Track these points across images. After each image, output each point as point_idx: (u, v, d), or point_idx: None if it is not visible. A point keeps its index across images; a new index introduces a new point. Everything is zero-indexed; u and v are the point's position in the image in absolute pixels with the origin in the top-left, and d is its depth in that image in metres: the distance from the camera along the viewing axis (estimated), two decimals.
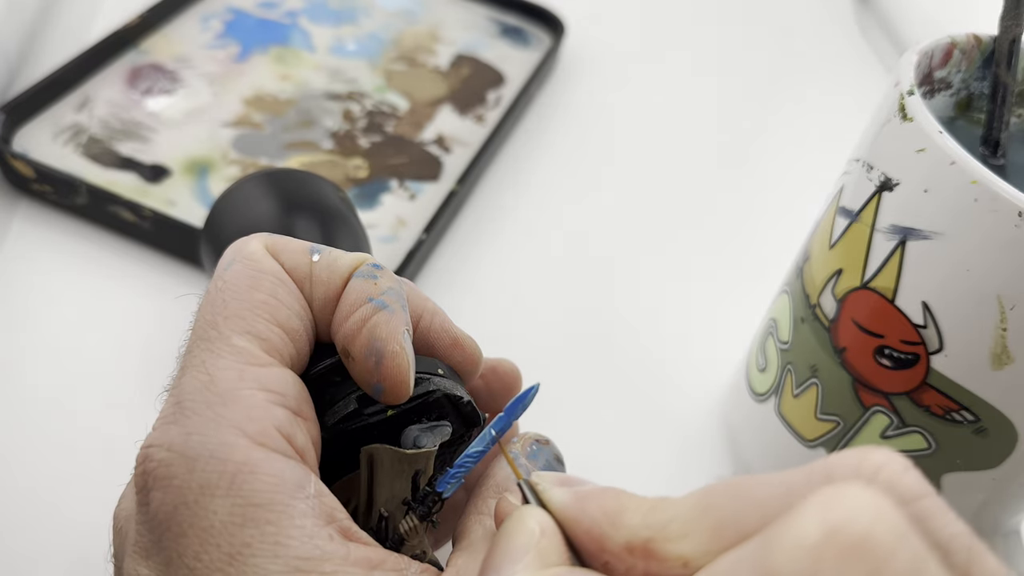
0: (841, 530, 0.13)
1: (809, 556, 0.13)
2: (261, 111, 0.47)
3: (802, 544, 0.13)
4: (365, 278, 0.21)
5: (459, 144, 0.48)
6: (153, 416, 0.20)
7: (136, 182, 0.41)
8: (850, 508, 0.13)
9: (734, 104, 0.57)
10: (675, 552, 0.16)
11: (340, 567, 0.17)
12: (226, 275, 0.21)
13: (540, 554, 0.17)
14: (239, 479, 0.18)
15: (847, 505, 0.13)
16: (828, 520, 0.13)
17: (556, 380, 0.38)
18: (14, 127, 0.42)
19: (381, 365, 0.20)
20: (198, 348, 0.20)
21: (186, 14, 0.52)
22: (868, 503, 0.13)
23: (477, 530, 0.21)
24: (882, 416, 0.29)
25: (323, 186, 0.32)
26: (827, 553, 0.13)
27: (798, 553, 0.13)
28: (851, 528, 0.13)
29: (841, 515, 0.13)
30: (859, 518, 0.13)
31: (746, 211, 0.49)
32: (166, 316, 0.36)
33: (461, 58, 0.54)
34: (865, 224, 0.27)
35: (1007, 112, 0.28)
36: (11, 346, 0.35)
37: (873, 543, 0.13)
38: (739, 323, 0.40)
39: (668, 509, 0.16)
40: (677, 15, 0.65)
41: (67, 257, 0.39)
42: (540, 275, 0.43)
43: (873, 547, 0.13)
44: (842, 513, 0.13)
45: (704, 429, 0.38)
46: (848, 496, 0.13)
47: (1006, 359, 0.25)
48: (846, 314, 0.28)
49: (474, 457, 0.21)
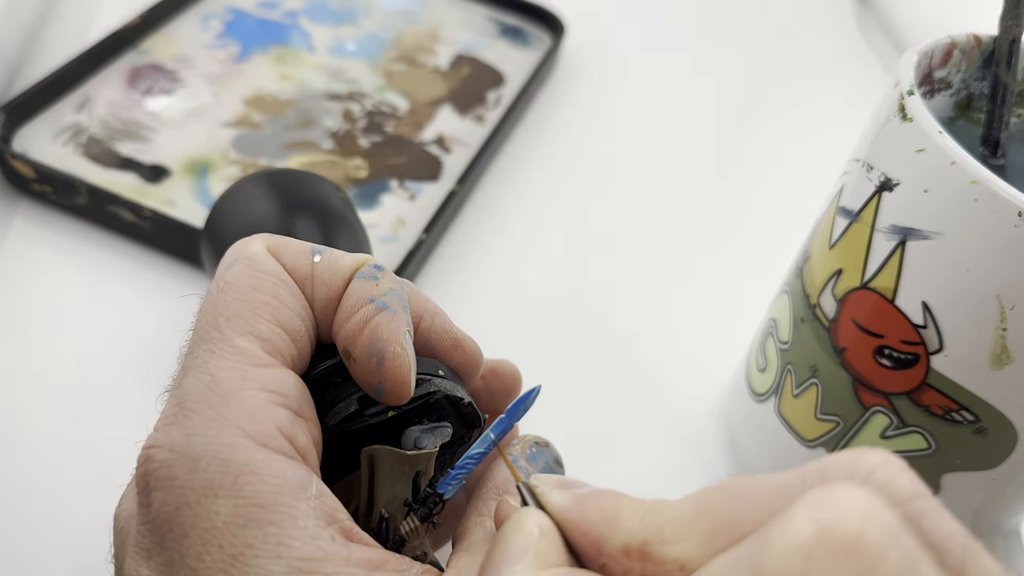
0: (832, 530, 0.13)
1: (800, 556, 0.13)
2: (261, 111, 0.47)
3: (793, 544, 0.13)
4: (366, 279, 0.22)
5: (459, 144, 0.48)
6: (154, 417, 0.20)
7: (136, 182, 0.41)
8: (841, 508, 0.13)
9: (734, 104, 0.57)
10: (671, 555, 0.16)
11: (342, 568, 0.17)
12: (227, 276, 0.21)
13: (539, 555, 0.17)
14: (241, 480, 0.18)
15: (838, 505, 0.13)
16: (819, 520, 0.13)
17: (556, 380, 0.38)
18: (14, 127, 0.42)
19: (382, 366, 0.20)
20: (200, 349, 0.20)
21: (186, 14, 0.52)
22: (859, 503, 0.13)
23: (478, 531, 0.21)
24: (882, 416, 0.29)
25: (324, 186, 0.32)
26: (818, 553, 0.13)
27: (789, 553, 0.13)
28: (842, 528, 0.13)
29: (832, 515, 0.13)
30: (850, 518, 0.13)
31: (746, 211, 0.49)
32: (166, 316, 0.36)
33: (461, 58, 0.54)
34: (865, 224, 0.27)
35: (1007, 112, 0.28)
36: (11, 346, 0.35)
37: (864, 543, 0.13)
38: (739, 323, 0.40)
39: (664, 512, 0.16)
40: (677, 15, 0.65)
41: (67, 257, 0.39)
42: (540, 275, 0.43)
43: (864, 547, 0.13)
44: (833, 513, 0.13)
45: (704, 429, 0.38)
46: (839, 496, 0.13)
47: (1006, 359, 0.25)
48: (846, 314, 0.28)
49: (475, 459, 0.21)
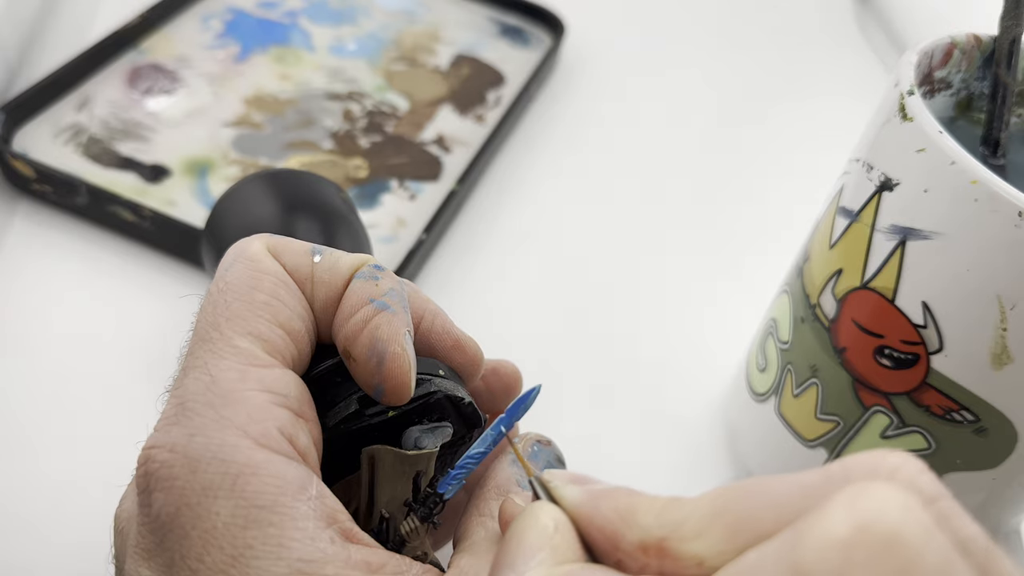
0: (871, 526, 0.13)
1: (839, 552, 0.13)
2: (261, 111, 0.47)
3: (831, 540, 0.13)
4: (367, 279, 0.21)
5: (459, 144, 0.48)
6: (154, 417, 0.20)
7: (136, 182, 0.41)
8: (879, 504, 0.13)
9: (734, 103, 0.57)
10: (690, 551, 0.15)
11: (342, 570, 0.17)
12: (228, 276, 0.21)
13: (554, 550, 0.17)
14: (242, 480, 0.18)
15: (876, 501, 0.13)
16: (857, 516, 0.13)
17: (556, 380, 0.38)
18: (14, 127, 0.42)
19: (383, 366, 0.20)
20: (200, 349, 0.20)
21: (186, 14, 0.52)
22: (897, 500, 0.13)
23: (479, 531, 0.21)
24: (882, 416, 0.29)
25: (324, 186, 0.32)
26: (857, 549, 0.12)
27: (827, 549, 0.13)
28: (881, 524, 0.13)
29: (871, 511, 0.13)
30: (889, 514, 0.13)
31: (746, 211, 0.49)
32: (166, 316, 0.36)
33: (461, 58, 0.54)
34: (865, 224, 0.27)
35: (1007, 112, 0.28)
36: (11, 346, 0.35)
37: (904, 539, 0.12)
38: (739, 323, 0.40)
39: (682, 508, 0.16)
40: (677, 15, 0.65)
41: (67, 257, 0.39)
42: (540, 275, 0.43)
43: (904, 543, 0.12)
44: (872, 509, 0.13)
45: (704, 429, 0.38)
46: (877, 492, 0.13)
47: (1006, 359, 0.25)
48: (846, 314, 0.28)
49: (476, 458, 0.21)
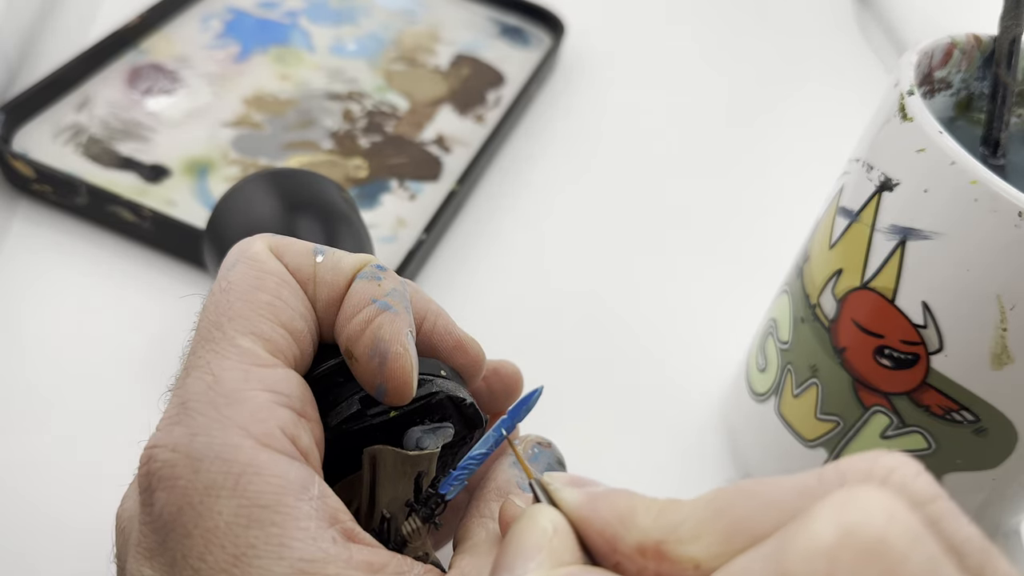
0: (855, 532, 0.13)
1: (824, 558, 0.13)
2: (261, 111, 0.47)
3: (817, 546, 0.13)
4: (369, 279, 0.22)
5: (459, 144, 0.48)
6: (155, 417, 0.20)
7: (136, 182, 0.41)
8: (864, 510, 0.13)
9: (734, 104, 0.57)
10: (687, 554, 0.16)
11: (343, 570, 0.17)
12: (230, 276, 0.21)
13: (553, 552, 0.17)
14: (244, 480, 0.18)
15: (861, 507, 0.13)
16: (842, 522, 0.13)
17: (556, 380, 0.38)
18: (14, 127, 0.42)
19: (385, 366, 0.20)
20: (202, 349, 0.20)
21: (186, 14, 0.52)
22: (882, 505, 0.13)
23: (480, 532, 0.21)
24: (882, 416, 0.29)
25: (326, 186, 0.32)
26: (842, 555, 0.13)
27: (813, 555, 0.13)
28: (866, 530, 0.13)
29: (855, 517, 0.13)
30: (873, 520, 0.13)
31: (746, 211, 0.49)
32: (167, 316, 0.36)
33: (461, 58, 0.54)
34: (865, 224, 0.27)
35: (1007, 112, 0.28)
36: (11, 346, 0.35)
37: (888, 545, 0.13)
38: (739, 323, 0.40)
39: (679, 511, 0.16)
40: (677, 15, 0.65)
41: (67, 257, 0.39)
42: (540, 275, 0.43)
43: (888, 549, 0.13)
44: (856, 515, 0.13)
45: (704, 429, 0.38)
46: (862, 498, 0.13)
47: (1006, 359, 0.25)
48: (846, 314, 0.29)
49: (477, 459, 0.21)
